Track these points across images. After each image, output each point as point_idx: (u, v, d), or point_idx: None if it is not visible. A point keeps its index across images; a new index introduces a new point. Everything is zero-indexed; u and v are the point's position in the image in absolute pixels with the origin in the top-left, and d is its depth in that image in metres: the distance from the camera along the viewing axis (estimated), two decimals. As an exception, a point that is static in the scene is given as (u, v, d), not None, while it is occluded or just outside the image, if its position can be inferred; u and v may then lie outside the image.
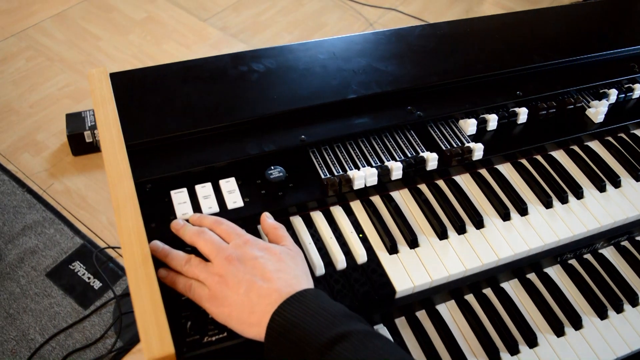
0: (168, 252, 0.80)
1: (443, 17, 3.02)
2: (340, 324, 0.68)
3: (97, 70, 0.99)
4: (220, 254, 0.76)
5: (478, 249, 0.91)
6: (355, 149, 0.98)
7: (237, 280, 0.73)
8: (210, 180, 0.90)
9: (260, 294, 0.72)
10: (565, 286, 0.96)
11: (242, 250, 0.77)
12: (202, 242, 0.79)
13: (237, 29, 2.80)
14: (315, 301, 0.71)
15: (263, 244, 0.79)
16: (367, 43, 1.11)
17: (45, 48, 2.57)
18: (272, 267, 0.75)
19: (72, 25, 2.69)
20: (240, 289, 0.73)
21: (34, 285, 1.93)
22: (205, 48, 2.65)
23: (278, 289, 0.72)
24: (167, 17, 2.78)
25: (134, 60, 2.54)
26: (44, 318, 1.86)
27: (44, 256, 2.00)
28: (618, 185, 1.03)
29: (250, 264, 0.75)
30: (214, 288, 0.74)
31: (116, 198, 0.83)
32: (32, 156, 2.20)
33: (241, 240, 0.79)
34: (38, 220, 2.08)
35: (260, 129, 0.95)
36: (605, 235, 1.00)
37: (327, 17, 2.96)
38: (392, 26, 2.94)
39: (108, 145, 0.89)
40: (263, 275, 0.74)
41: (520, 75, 1.10)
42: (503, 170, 1.02)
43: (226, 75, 1.02)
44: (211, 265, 0.76)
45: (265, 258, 0.76)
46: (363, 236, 0.90)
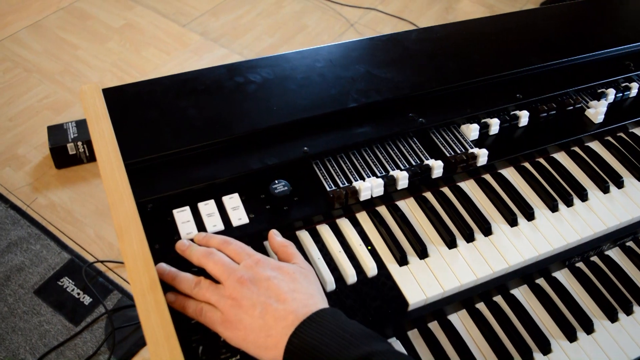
0: (175, 274, 0.77)
1: (423, 15, 3.02)
2: (361, 344, 0.66)
3: (88, 87, 0.96)
4: (231, 276, 0.73)
5: (488, 256, 0.89)
6: (359, 158, 0.96)
7: (252, 302, 0.71)
8: (212, 197, 0.88)
9: (276, 316, 0.70)
10: (574, 290, 0.95)
11: (254, 271, 0.74)
12: (212, 264, 0.76)
13: (217, 33, 2.77)
14: (333, 321, 0.69)
15: (275, 263, 0.77)
16: (363, 49, 1.09)
17: (22, 59, 2.51)
18: (286, 288, 0.73)
19: (48, 35, 2.63)
20: (255, 312, 0.70)
21: (22, 303, 1.88)
22: (186, 54, 2.61)
23: (294, 310, 0.70)
24: (145, 23, 2.74)
25: (114, 69, 2.49)
26: (34, 337, 1.81)
27: (31, 273, 1.95)
28: (621, 186, 1.03)
29: (264, 285, 0.73)
30: (227, 311, 0.72)
31: (118, 220, 0.80)
32: (14, 171, 2.14)
33: (252, 261, 0.76)
34: (23, 236, 2.03)
35: (261, 142, 0.93)
36: (611, 236, 0.99)
37: (308, 18, 2.93)
38: (373, 26, 2.93)
39: (106, 164, 0.86)
40: (278, 297, 0.72)
41: (519, 78, 1.10)
42: (507, 175, 1.01)
43: (222, 88, 0.99)
44: (222, 288, 0.73)
45: (279, 278, 0.74)
46: (371, 248, 0.88)
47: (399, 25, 2.94)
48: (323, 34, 2.86)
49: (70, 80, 2.43)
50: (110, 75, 2.46)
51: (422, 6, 3.09)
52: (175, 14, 2.84)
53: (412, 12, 3.03)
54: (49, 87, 2.40)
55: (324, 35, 2.85)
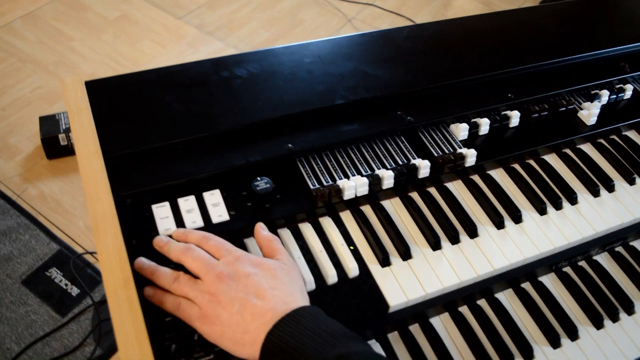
0: (155, 269, 0.76)
1: (421, 12, 3.00)
2: (338, 344, 0.65)
3: (71, 79, 0.94)
4: (211, 272, 0.72)
5: (472, 259, 0.88)
6: (344, 156, 0.94)
7: (230, 298, 0.70)
8: (193, 193, 0.86)
9: (255, 312, 0.69)
10: (560, 295, 0.94)
11: (233, 267, 0.73)
12: (190, 260, 0.74)
13: (213, 26, 2.75)
14: (312, 320, 0.68)
15: (256, 259, 0.75)
16: (353, 45, 1.07)
17: (16, 49, 2.48)
18: (266, 285, 0.71)
19: (43, 26, 2.60)
20: (233, 308, 0.69)
21: (10, 293, 1.87)
22: (181, 47, 2.59)
23: (273, 307, 0.69)
24: (141, 16, 2.71)
25: (109, 61, 2.47)
26: (20, 327, 1.80)
27: (19, 263, 1.94)
28: (612, 190, 1.01)
29: (243, 282, 0.71)
30: (205, 307, 0.70)
31: (94, 215, 0.79)
32: (5, 160, 2.13)
33: (232, 257, 0.75)
34: (12, 226, 2.01)
35: (245, 138, 0.91)
36: (600, 241, 0.98)
37: (305, 13, 2.91)
38: (370, 22, 2.91)
39: (84, 158, 0.85)
40: (257, 293, 0.70)
41: (511, 77, 1.08)
42: (496, 176, 1.00)
43: (208, 82, 0.97)
44: (201, 283, 0.72)
45: (259, 275, 0.72)
46: (354, 248, 0.87)
47: (397, 21, 2.92)
48: (320, 29, 2.84)
49: (64, 71, 2.40)
50: (104, 67, 2.44)
51: (420, 2, 3.06)
52: (172, 7, 2.82)
53: (410, 9, 3.01)
54: (43, 77, 2.38)
55: (321, 30, 2.83)
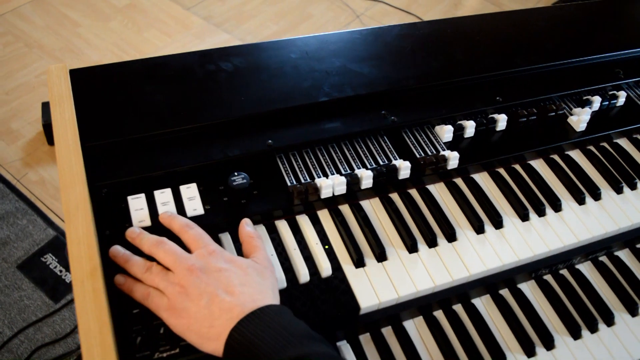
0: (129, 257, 0.76)
1: (431, 10, 2.97)
2: (299, 345, 0.65)
3: (56, 67, 0.94)
4: (182, 264, 0.72)
5: (449, 263, 0.87)
6: (325, 155, 0.93)
7: (199, 291, 0.70)
8: (170, 186, 0.86)
9: (222, 307, 0.68)
10: (538, 303, 0.93)
11: (206, 261, 0.73)
12: (162, 254, 0.74)
13: (222, 18, 2.74)
14: (277, 319, 0.67)
15: (229, 256, 0.75)
16: (342, 42, 1.06)
17: (23, 34, 2.50)
18: (236, 281, 0.71)
19: (51, 11, 2.61)
20: (201, 301, 0.69)
21: (4, 277, 1.88)
22: (187, 37, 2.59)
23: (241, 303, 0.69)
24: (150, 4, 2.72)
25: (114, 48, 2.48)
26: (13, 311, 1.81)
27: (16, 247, 1.95)
28: (598, 198, 1.00)
29: (214, 276, 0.71)
30: (174, 299, 0.70)
31: (67, 204, 0.78)
32: (7, 144, 2.14)
33: (206, 251, 0.75)
34: (10, 210, 2.03)
35: (225, 133, 0.91)
36: (582, 250, 0.96)
37: (314, 8, 2.90)
38: (379, 18, 2.89)
39: (62, 146, 0.84)
40: (226, 289, 0.70)
41: (501, 80, 1.06)
42: (479, 180, 0.98)
43: (192, 75, 0.97)
44: (172, 275, 0.72)
45: (231, 271, 0.73)
46: (329, 247, 0.86)
47: (406, 18, 2.90)
48: (328, 24, 2.82)
49: (70, 57, 2.41)
50: (110, 54, 2.45)
51: (430, 1, 3.04)
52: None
53: (420, 6, 2.98)
54: (48, 63, 2.39)
55: (329, 25, 2.81)
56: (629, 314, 0.94)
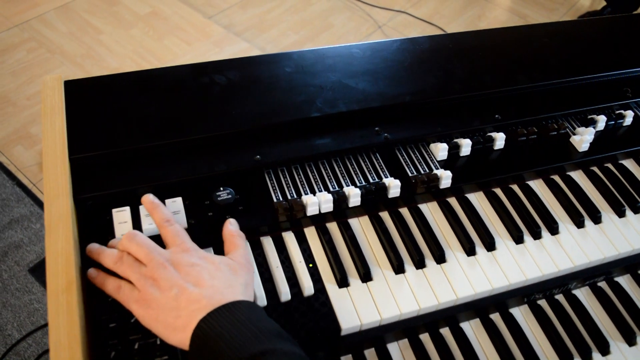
0: (102, 250, 0.77)
1: (454, 21, 2.94)
2: (266, 341, 0.65)
3: (51, 77, 0.95)
4: (155, 258, 0.73)
5: (436, 286, 0.85)
6: (314, 171, 0.92)
7: (170, 284, 0.70)
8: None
9: (190, 299, 0.69)
10: (530, 329, 0.90)
11: (179, 256, 0.74)
12: (135, 246, 0.75)
13: (242, 27, 2.75)
14: (247, 314, 0.67)
15: (203, 253, 0.76)
16: (339, 57, 1.05)
17: (46, 40, 2.55)
18: (207, 275, 0.72)
19: (75, 18, 2.66)
20: (170, 293, 0.70)
21: (16, 280, 1.91)
22: (207, 45, 2.60)
23: (208, 295, 0.69)
24: (171, 12, 2.74)
25: (134, 55, 2.51)
26: (23, 314, 1.83)
27: (28, 251, 1.98)
28: (598, 221, 0.96)
29: (185, 270, 0.72)
30: (144, 290, 0.71)
31: (49, 216, 0.79)
32: (25, 149, 2.18)
33: (181, 247, 0.76)
34: (25, 214, 2.06)
35: (213, 147, 0.90)
36: (579, 275, 0.93)
37: (335, 17, 2.89)
38: (401, 29, 2.87)
39: (50, 158, 0.85)
40: (196, 282, 0.71)
41: (501, 97, 1.03)
42: (474, 200, 0.96)
43: (185, 88, 0.97)
44: (144, 268, 0.73)
45: (202, 266, 0.73)
46: (313, 266, 0.85)
47: (428, 30, 2.87)
48: (349, 34, 2.81)
49: (91, 64, 2.45)
50: (129, 61, 2.48)
51: (454, 12, 3.01)
52: (203, 5, 2.84)
53: (443, 18, 2.96)
54: (69, 69, 2.43)
55: (350, 35, 2.80)
56: (626, 343, 0.90)
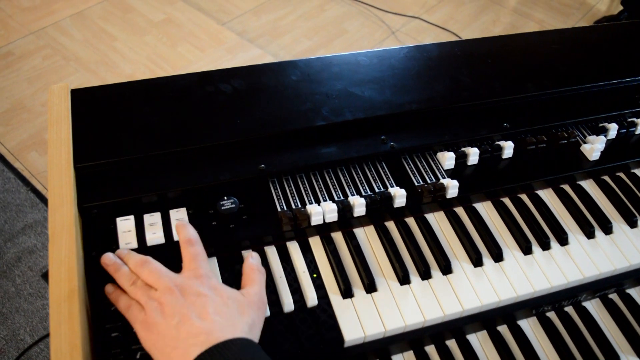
0: (119, 267, 0.77)
1: (468, 27, 2.92)
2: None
3: (58, 87, 0.95)
4: (164, 283, 0.73)
5: (442, 297, 0.83)
6: (319, 180, 0.91)
7: (173, 311, 0.70)
8: (160, 209, 0.85)
9: (190, 331, 0.68)
10: (539, 342, 0.88)
11: (188, 283, 0.74)
12: (147, 273, 0.75)
13: (256, 33, 2.76)
14: (237, 354, 0.66)
15: (215, 283, 0.75)
16: (346, 65, 1.04)
17: (62, 47, 2.57)
18: (211, 308, 0.71)
19: (90, 25, 2.69)
20: (172, 321, 0.69)
21: (29, 285, 1.92)
22: (219, 52, 2.61)
23: (208, 330, 0.68)
24: (185, 19, 2.76)
25: (148, 62, 2.52)
26: (35, 319, 1.85)
27: (42, 256, 1.99)
28: (609, 232, 0.95)
29: (191, 299, 0.72)
30: (149, 314, 0.71)
31: (53, 224, 0.79)
32: (40, 155, 2.20)
33: (194, 273, 0.75)
34: (39, 220, 2.08)
35: (217, 156, 0.90)
36: (589, 287, 0.91)
37: (349, 23, 2.89)
38: (415, 35, 2.86)
39: (55, 166, 0.85)
40: (199, 313, 0.70)
41: (510, 105, 1.02)
42: (481, 210, 0.95)
43: (190, 96, 0.97)
44: (154, 292, 0.73)
45: (210, 298, 0.72)
46: (317, 276, 0.84)
47: (442, 35, 2.85)
48: (362, 40, 2.81)
49: (105, 70, 2.47)
50: (143, 68, 2.49)
51: (468, 17, 2.99)
52: (217, 12, 2.85)
53: (457, 23, 2.94)
54: (84, 75, 2.45)
55: (364, 41, 2.80)
56: (637, 356, 0.88)
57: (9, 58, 2.49)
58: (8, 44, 2.55)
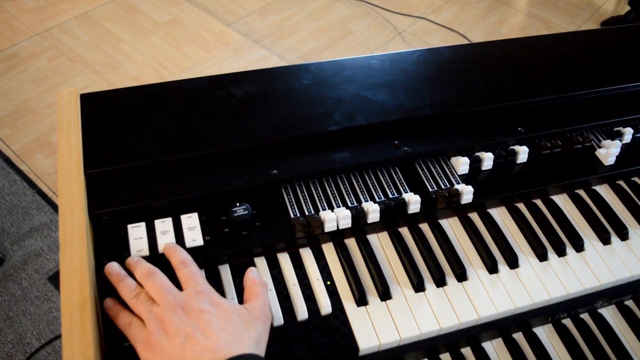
0: (122, 279, 0.76)
1: (475, 27, 2.91)
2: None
3: (67, 91, 0.95)
4: (167, 299, 0.71)
5: (457, 305, 0.82)
6: (332, 186, 0.90)
7: (176, 330, 0.69)
8: (171, 215, 0.85)
9: (195, 350, 0.67)
10: (554, 349, 0.87)
11: (190, 300, 0.72)
12: (151, 285, 0.74)
13: (261, 34, 2.75)
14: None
15: (217, 299, 0.73)
16: (358, 68, 1.03)
17: (67, 48, 2.56)
18: (216, 325, 0.69)
19: (95, 26, 2.68)
20: (176, 340, 0.68)
21: (36, 288, 1.92)
22: (225, 53, 2.60)
23: (214, 348, 0.67)
24: (190, 20, 2.75)
25: (153, 63, 2.51)
26: (42, 322, 1.84)
27: (48, 259, 1.99)
28: (625, 238, 0.93)
29: (195, 317, 0.70)
30: (152, 332, 0.70)
31: (64, 232, 0.78)
32: (46, 157, 2.19)
33: (194, 290, 0.73)
34: (45, 222, 2.07)
35: (229, 162, 0.89)
36: (606, 294, 0.90)
37: (355, 24, 2.88)
38: (421, 36, 2.85)
39: (65, 173, 0.84)
40: (203, 331, 0.69)
41: (524, 109, 1.01)
42: (496, 215, 0.93)
43: (202, 101, 0.96)
44: (156, 308, 0.72)
45: (213, 314, 0.71)
46: (331, 283, 0.83)
47: (448, 36, 2.84)
48: (369, 40, 2.80)
49: (110, 72, 2.46)
50: (149, 69, 2.49)
51: (475, 18, 2.97)
52: (223, 12, 2.84)
53: (463, 24, 2.92)
54: (89, 77, 2.44)
55: (370, 42, 2.78)
56: (655, 365, 0.87)
57: (14, 60, 2.48)
58: (13, 46, 2.54)
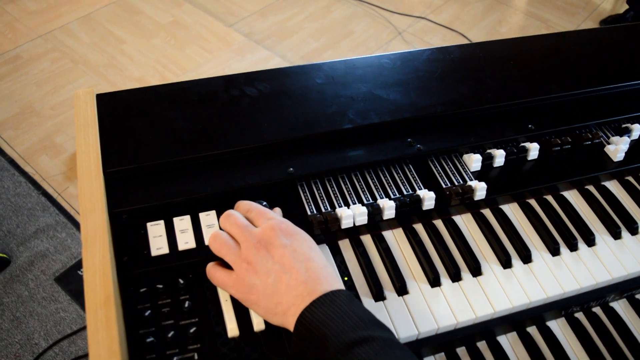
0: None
1: (474, 27, 2.92)
2: (365, 328, 0.68)
3: (83, 91, 0.95)
4: (248, 240, 0.76)
5: (473, 299, 0.84)
6: (347, 183, 0.92)
7: (266, 270, 0.73)
8: (190, 213, 0.86)
9: (289, 285, 0.72)
10: (568, 342, 0.88)
11: (269, 237, 0.76)
12: (229, 225, 0.79)
13: (263, 35, 2.76)
14: (347, 304, 0.70)
15: (288, 229, 0.77)
16: (369, 67, 1.04)
17: (70, 50, 2.57)
18: (301, 257, 0.74)
19: (97, 28, 2.68)
20: (268, 279, 0.73)
21: (42, 289, 1.92)
22: (228, 54, 2.61)
23: (305, 280, 0.72)
24: (192, 21, 2.76)
25: (156, 65, 2.52)
26: (50, 323, 1.85)
27: (54, 260, 1.99)
28: (635, 232, 0.95)
29: (279, 253, 0.74)
30: (241, 274, 0.74)
31: (86, 230, 0.79)
32: (50, 158, 2.20)
33: (268, 226, 0.77)
34: (51, 223, 2.08)
35: (246, 160, 0.90)
36: (617, 287, 0.91)
37: (355, 24, 2.89)
38: (421, 35, 2.86)
39: (84, 172, 0.85)
40: (291, 267, 0.73)
41: (534, 107, 1.02)
42: (508, 211, 0.95)
43: (216, 100, 0.97)
44: (239, 250, 0.76)
45: (292, 248, 0.75)
46: (348, 279, 0.84)
47: (448, 36, 2.86)
48: (369, 40, 2.81)
49: (113, 73, 2.47)
50: (152, 71, 2.49)
51: (474, 17, 2.99)
52: (224, 13, 2.85)
53: (463, 23, 2.94)
54: (92, 78, 2.45)
55: (370, 42, 2.80)
56: (667, 357, 0.88)
57: (17, 62, 2.49)
58: (16, 48, 2.55)
